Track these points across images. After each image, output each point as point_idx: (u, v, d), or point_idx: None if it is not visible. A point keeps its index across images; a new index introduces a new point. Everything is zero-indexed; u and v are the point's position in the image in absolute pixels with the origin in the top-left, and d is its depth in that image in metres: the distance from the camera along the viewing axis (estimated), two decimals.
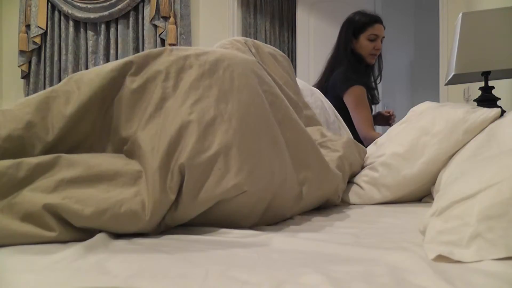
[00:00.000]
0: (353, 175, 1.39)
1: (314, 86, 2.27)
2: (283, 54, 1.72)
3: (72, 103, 0.91)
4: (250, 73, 1.00)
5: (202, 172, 0.82)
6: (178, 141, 0.84)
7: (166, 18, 3.81)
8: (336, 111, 2.06)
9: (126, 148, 0.93)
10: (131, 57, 0.98)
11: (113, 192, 0.78)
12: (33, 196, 0.74)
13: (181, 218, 0.84)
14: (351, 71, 2.23)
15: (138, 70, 0.97)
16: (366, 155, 1.48)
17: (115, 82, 0.95)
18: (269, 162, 0.91)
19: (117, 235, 0.80)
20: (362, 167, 1.42)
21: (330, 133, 1.49)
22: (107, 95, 0.94)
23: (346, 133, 2.06)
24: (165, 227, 0.84)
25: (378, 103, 2.44)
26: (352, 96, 2.16)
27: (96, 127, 0.95)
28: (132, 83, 0.95)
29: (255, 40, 1.66)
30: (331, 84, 2.26)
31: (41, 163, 0.79)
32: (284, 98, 1.08)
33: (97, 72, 0.96)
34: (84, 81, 0.95)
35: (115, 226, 0.76)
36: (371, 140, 1.80)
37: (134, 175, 0.83)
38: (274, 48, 1.72)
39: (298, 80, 1.97)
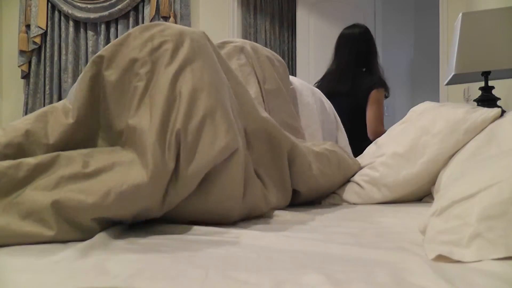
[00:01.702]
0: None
1: (336, 90, 2.47)
2: (281, 59, 1.71)
3: (70, 112, 0.97)
4: (207, 42, 1.07)
5: (195, 136, 0.87)
6: (169, 114, 0.88)
7: (166, 18, 3.80)
8: (335, 112, 2.09)
9: (122, 139, 0.95)
10: (100, 51, 1.02)
11: (113, 178, 0.80)
12: (35, 195, 0.75)
13: (183, 190, 0.85)
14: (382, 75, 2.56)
15: (111, 62, 1.00)
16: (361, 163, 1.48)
17: (96, 79, 0.99)
18: (235, 119, 1.00)
19: (117, 235, 0.80)
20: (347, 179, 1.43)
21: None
22: (96, 93, 0.99)
23: (343, 135, 2.08)
24: (169, 205, 0.85)
25: None
26: (379, 95, 2.44)
27: (93, 129, 0.98)
28: (110, 75, 0.99)
29: (254, 43, 1.65)
30: (369, 86, 2.44)
31: (40, 162, 0.80)
32: (229, 66, 1.17)
33: (79, 79, 1.02)
34: (74, 92, 1.02)
35: (120, 206, 0.77)
36: (381, 134, 1.87)
37: (132, 161, 0.85)
38: (273, 52, 1.72)
39: (299, 80, 1.97)
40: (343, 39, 2.58)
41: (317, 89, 2.07)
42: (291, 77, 1.94)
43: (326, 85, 2.52)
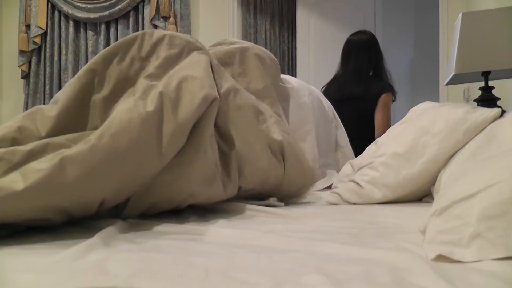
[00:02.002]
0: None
1: (348, 92, 2.56)
2: (273, 58, 1.70)
3: (55, 108, 1.03)
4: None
5: (175, 95, 1.02)
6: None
7: (166, 18, 3.80)
8: (335, 112, 2.10)
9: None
10: (91, 65, 1.10)
11: None
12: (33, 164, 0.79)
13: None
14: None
15: (102, 79, 1.08)
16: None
17: (86, 89, 1.07)
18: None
19: (117, 235, 0.80)
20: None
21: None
22: (84, 97, 1.06)
23: (343, 134, 2.09)
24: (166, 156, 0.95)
25: None
26: (388, 99, 2.56)
27: (79, 126, 1.04)
28: (100, 91, 1.06)
29: (244, 44, 1.65)
30: (378, 90, 2.53)
31: (33, 149, 0.85)
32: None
33: (69, 83, 1.10)
34: (60, 95, 1.10)
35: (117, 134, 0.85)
36: None
37: None
38: (267, 51, 1.70)
39: (296, 80, 1.98)
40: (352, 45, 2.65)
41: (315, 89, 2.07)
42: (288, 77, 1.94)
43: (337, 88, 2.59)
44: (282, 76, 1.90)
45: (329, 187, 1.79)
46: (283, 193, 1.33)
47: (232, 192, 1.16)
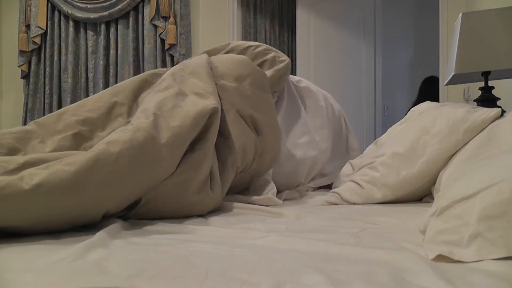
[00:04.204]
0: None
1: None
2: (284, 59, 1.74)
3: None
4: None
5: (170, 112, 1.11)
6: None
7: (166, 18, 3.80)
8: (345, 117, 2.16)
9: None
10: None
11: None
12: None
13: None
14: None
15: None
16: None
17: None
18: None
19: (117, 235, 0.80)
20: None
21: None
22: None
23: (353, 137, 2.12)
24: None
25: None
26: None
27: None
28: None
29: (232, 44, 1.71)
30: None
31: (28, 160, 0.89)
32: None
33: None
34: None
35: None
36: None
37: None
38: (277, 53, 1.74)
39: (313, 84, 2.01)
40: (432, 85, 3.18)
41: (328, 94, 2.10)
42: (306, 81, 1.98)
43: None
44: (298, 78, 1.98)
45: (329, 187, 1.79)
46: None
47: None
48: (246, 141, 1.31)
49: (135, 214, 1.00)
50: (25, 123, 3.85)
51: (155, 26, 3.84)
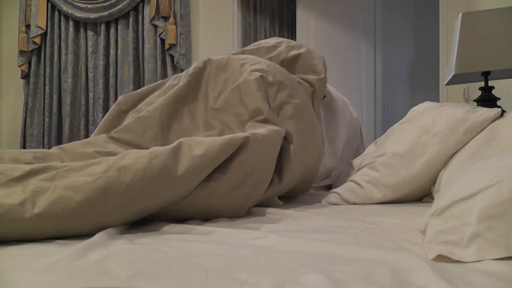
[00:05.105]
0: None
1: None
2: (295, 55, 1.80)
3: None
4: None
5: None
6: None
7: (166, 18, 3.80)
8: (360, 123, 2.18)
9: None
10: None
11: None
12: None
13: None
14: None
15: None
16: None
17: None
18: None
19: (117, 235, 0.80)
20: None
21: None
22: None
23: (364, 141, 2.12)
24: None
25: None
26: None
27: None
28: None
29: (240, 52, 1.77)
30: None
31: (34, 168, 0.87)
32: None
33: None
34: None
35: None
36: None
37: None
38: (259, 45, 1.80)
39: (333, 89, 2.03)
40: None
41: (346, 99, 2.12)
42: (329, 86, 2.01)
43: None
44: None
45: (329, 187, 1.79)
46: None
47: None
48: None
49: None
50: (25, 123, 3.85)
51: (155, 26, 3.84)
